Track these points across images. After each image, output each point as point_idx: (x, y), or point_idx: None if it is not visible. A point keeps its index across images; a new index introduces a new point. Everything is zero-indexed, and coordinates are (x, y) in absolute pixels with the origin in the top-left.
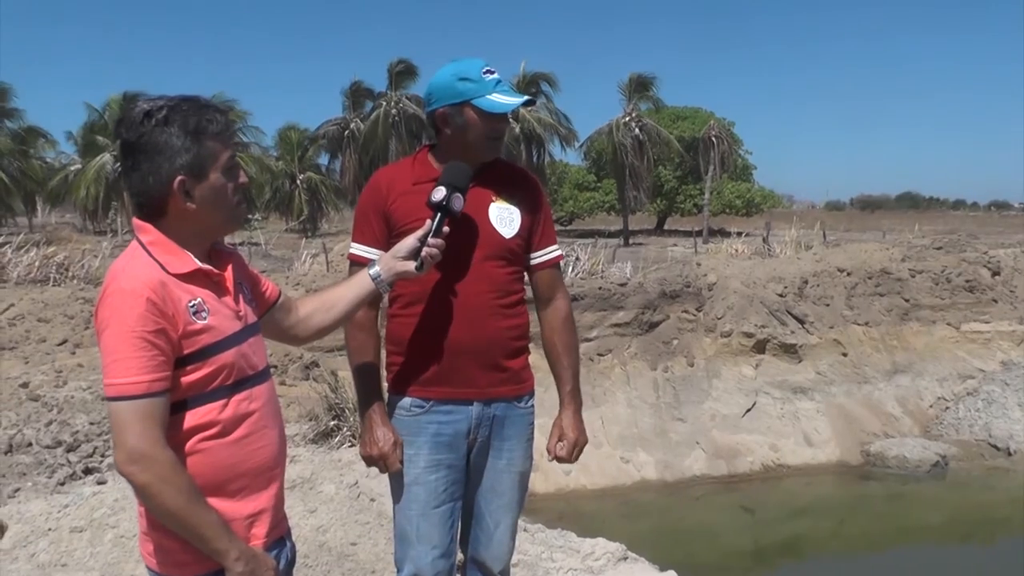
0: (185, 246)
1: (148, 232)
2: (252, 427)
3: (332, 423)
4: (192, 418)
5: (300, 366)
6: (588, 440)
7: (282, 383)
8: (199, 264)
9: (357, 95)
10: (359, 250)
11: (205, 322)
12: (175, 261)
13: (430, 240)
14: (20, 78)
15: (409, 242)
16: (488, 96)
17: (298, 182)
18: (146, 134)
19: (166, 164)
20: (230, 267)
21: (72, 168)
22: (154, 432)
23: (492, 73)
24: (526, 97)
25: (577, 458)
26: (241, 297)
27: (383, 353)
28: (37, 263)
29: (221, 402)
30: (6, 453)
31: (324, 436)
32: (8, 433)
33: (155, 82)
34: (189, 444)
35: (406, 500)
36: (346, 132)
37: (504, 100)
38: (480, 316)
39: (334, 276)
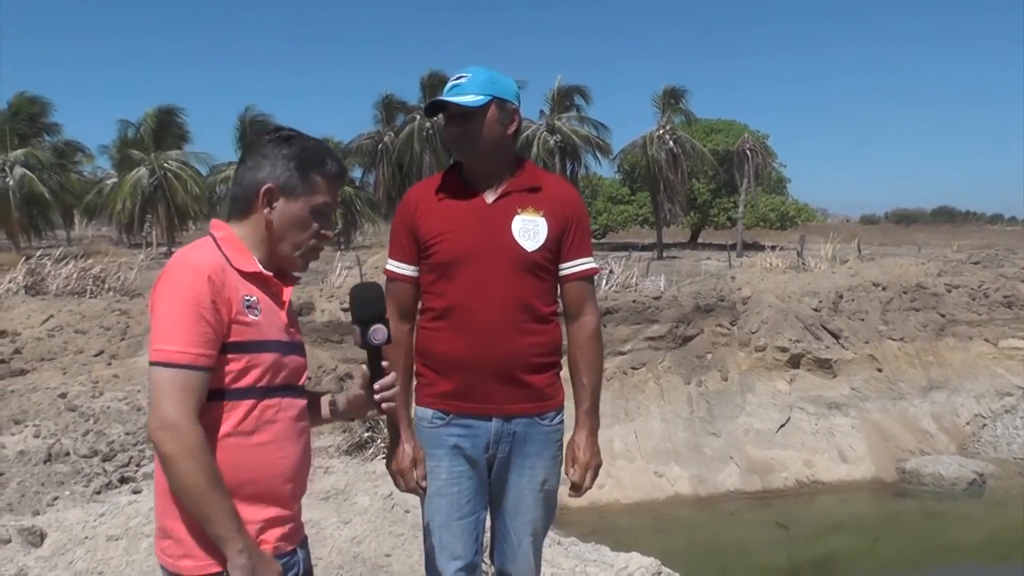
0: (255, 254)
1: (222, 229)
2: (274, 436)
3: (366, 435)
4: (223, 411)
5: (334, 378)
6: (602, 463)
7: None
8: (261, 268)
9: (389, 108)
10: (392, 266)
11: (256, 319)
12: (241, 258)
13: (376, 386)
14: (56, 92)
15: (359, 393)
16: None
17: None
18: (266, 142)
19: (266, 170)
20: (290, 290)
21: (108, 182)
22: (189, 404)
23: (457, 80)
24: (442, 98)
25: (591, 482)
26: (291, 318)
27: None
28: (75, 275)
29: (250, 402)
30: (45, 462)
31: (358, 448)
32: (47, 443)
33: (189, 95)
34: (217, 436)
35: (429, 511)
36: (379, 146)
37: (438, 98)
38: (497, 332)
39: None
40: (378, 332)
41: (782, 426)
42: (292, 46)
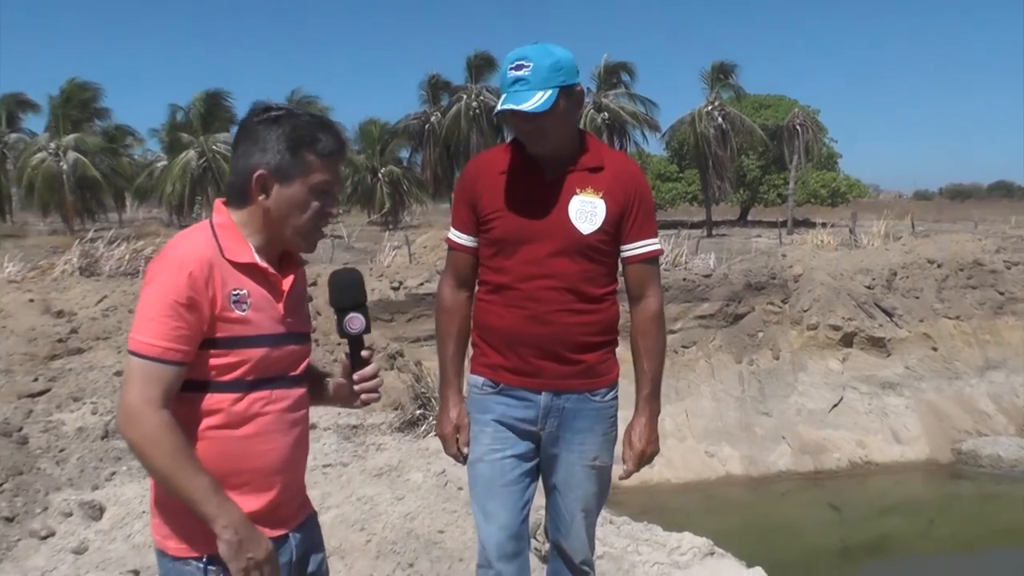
0: (254, 241)
1: (221, 214)
2: (261, 428)
3: (418, 412)
4: (207, 402)
5: (385, 356)
6: (659, 451)
7: None
8: (256, 259)
9: (435, 89)
10: (453, 235)
11: (243, 314)
12: (235, 248)
13: (355, 376)
14: (105, 77)
15: (341, 382)
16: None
17: (379, 175)
18: (255, 124)
19: (257, 155)
20: (292, 277)
21: (158, 165)
22: (154, 392)
23: (518, 70)
24: (508, 107)
25: (640, 467)
26: (292, 308)
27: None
28: (127, 257)
29: (236, 395)
30: (102, 438)
31: (410, 425)
32: (104, 419)
33: (236, 79)
34: (200, 427)
35: (472, 479)
36: (426, 126)
37: (501, 106)
38: (546, 312)
39: (416, 267)
40: (354, 320)
41: (835, 406)
42: (338, 29)
